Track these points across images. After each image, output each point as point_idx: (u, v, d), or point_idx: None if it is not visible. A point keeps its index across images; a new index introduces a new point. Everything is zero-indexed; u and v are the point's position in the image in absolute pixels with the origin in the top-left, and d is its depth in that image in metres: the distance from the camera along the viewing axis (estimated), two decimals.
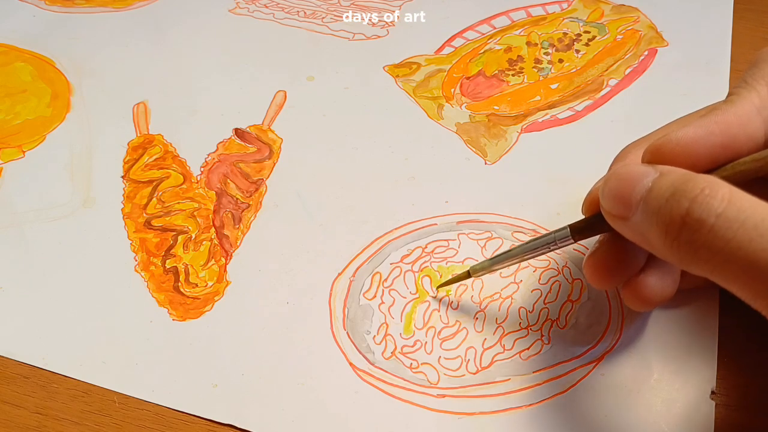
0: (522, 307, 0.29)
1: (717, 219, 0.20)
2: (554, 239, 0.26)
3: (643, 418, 0.26)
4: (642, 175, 0.22)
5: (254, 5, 0.45)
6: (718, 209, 0.20)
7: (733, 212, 0.20)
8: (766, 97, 0.24)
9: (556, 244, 0.26)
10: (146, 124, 0.38)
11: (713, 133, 0.23)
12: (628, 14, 0.41)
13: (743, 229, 0.19)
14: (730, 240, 0.19)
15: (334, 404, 0.27)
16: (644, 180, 0.22)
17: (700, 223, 0.20)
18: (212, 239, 0.33)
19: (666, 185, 0.21)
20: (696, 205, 0.20)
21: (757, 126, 0.23)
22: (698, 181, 0.21)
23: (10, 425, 0.28)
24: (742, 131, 0.23)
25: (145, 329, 0.30)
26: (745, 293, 0.20)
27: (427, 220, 0.33)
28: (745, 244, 0.19)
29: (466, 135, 0.36)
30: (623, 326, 0.28)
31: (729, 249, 0.20)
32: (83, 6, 0.46)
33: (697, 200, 0.20)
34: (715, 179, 0.21)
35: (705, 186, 0.20)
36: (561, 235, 0.26)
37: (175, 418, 0.27)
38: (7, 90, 0.41)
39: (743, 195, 0.20)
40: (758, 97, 0.23)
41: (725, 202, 0.20)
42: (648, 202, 0.22)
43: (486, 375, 0.28)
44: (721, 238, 0.20)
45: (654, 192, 0.22)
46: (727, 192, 0.20)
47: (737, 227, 0.19)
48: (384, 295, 0.30)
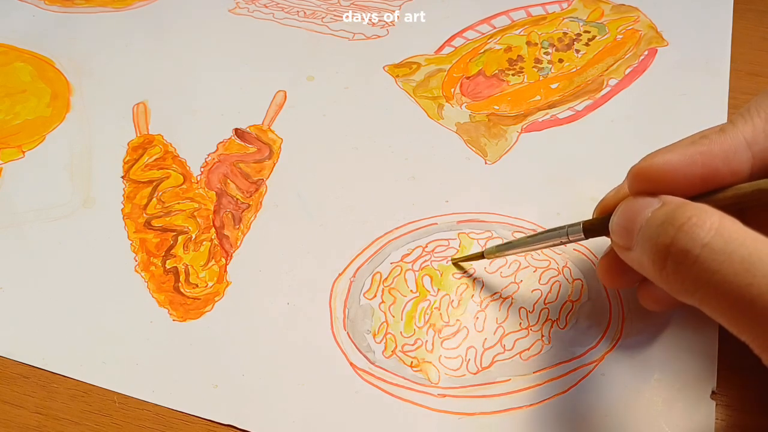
0: (522, 307, 0.29)
1: (702, 249, 0.19)
2: (567, 233, 0.26)
3: (644, 418, 0.26)
4: (644, 207, 0.22)
5: (254, 5, 0.45)
6: (704, 239, 0.19)
7: (720, 243, 0.19)
8: (761, 130, 0.23)
9: (567, 238, 0.26)
10: (146, 124, 0.38)
11: (695, 164, 0.23)
12: (628, 14, 0.41)
13: (729, 261, 0.19)
14: (716, 272, 0.19)
15: (335, 404, 0.27)
16: (645, 211, 0.22)
17: (685, 253, 0.20)
18: (212, 239, 0.33)
19: (660, 214, 0.21)
20: (682, 234, 0.20)
21: (742, 160, 0.23)
22: (687, 209, 0.20)
23: (10, 425, 0.28)
24: (725, 165, 0.23)
25: (145, 330, 0.30)
26: (731, 327, 0.20)
27: (427, 219, 0.33)
28: (731, 277, 0.19)
29: (466, 135, 0.36)
30: (623, 326, 0.28)
31: (714, 282, 0.19)
32: (83, 6, 0.46)
33: (683, 229, 0.20)
34: (706, 207, 0.20)
35: (692, 214, 0.20)
36: (573, 230, 0.26)
37: (175, 418, 0.27)
38: (7, 90, 0.41)
39: (733, 225, 0.19)
40: (752, 129, 0.23)
41: (712, 232, 0.19)
42: (643, 231, 0.21)
43: (486, 375, 0.28)
44: (706, 270, 0.19)
45: (649, 221, 0.21)
46: (716, 221, 0.19)
47: (723, 259, 0.19)
48: (384, 294, 0.30)
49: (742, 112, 0.24)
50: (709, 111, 0.36)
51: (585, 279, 0.30)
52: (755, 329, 0.19)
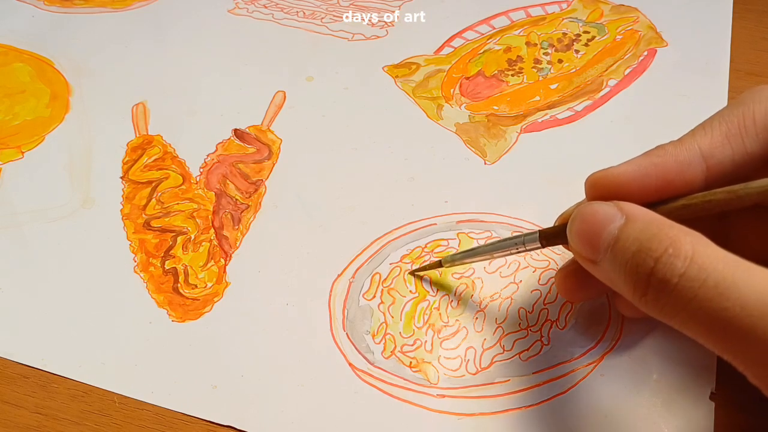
0: (522, 307, 0.29)
1: (680, 279, 0.20)
2: (523, 241, 0.27)
3: (643, 419, 0.26)
4: (608, 220, 0.22)
5: (253, 5, 0.45)
6: (680, 269, 0.20)
7: (695, 271, 0.20)
8: (718, 143, 0.24)
9: (524, 246, 0.27)
10: (145, 125, 0.38)
11: (648, 175, 0.23)
12: (628, 14, 0.41)
13: (704, 288, 0.20)
14: (692, 299, 0.20)
15: (334, 405, 0.27)
16: (610, 226, 0.22)
17: (665, 283, 0.20)
18: (211, 240, 0.33)
19: (632, 238, 0.22)
20: (660, 265, 0.21)
21: (696, 173, 0.23)
22: (663, 239, 0.21)
23: (10, 425, 0.28)
24: (679, 176, 0.23)
25: (144, 330, 0.30)
26: (713, 348, 0.20)
27: (427, 220, 0.33)
28: (706, 303, 0.20)
29: (466, 135, 0.36)
30: (623, 327, 0.28)
31: (691, 307, 0.20)
32: (82, 6, 0.46)
33: (661, 260, 0.21)
34: (680, 233, 0.21)
35: (669, 245, 0.21)
36: (530, 239, 0.26)
37: (175, 419, 0.27)
38: (6, 90, 0.41)
39: (706, 249, 0.20)
40: (709, 142, 0.24)
41: (688, 261, 0.20)
42: (615, 253, 0.22)
43: (486, 376, 0.28)
44: (683, 297, 0.20)
45: (620, 243, 0.22)
46: (690, 250, 0.20)
47: (698, 286, 0.20)
48: (383, 295, 0.30)
49: (705, 122, 0.24)
50: (709, 111, 0.35)
51: None
52: (734, 349, 0.20)
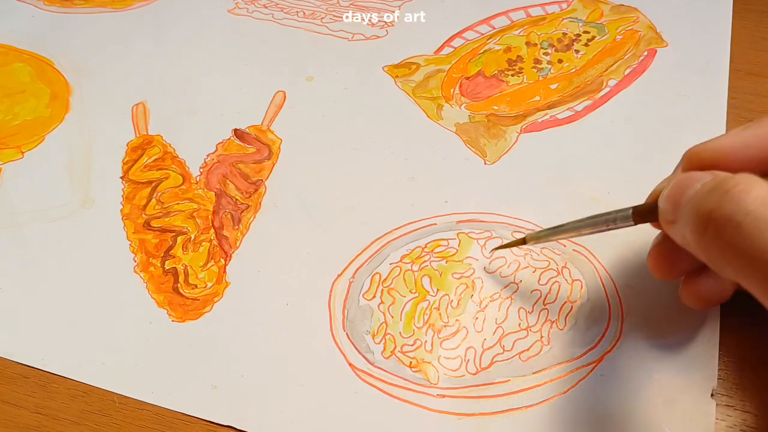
0: (522, 307, 0.29)
1: (746, 217, 0.18)
2: (614, 218, 0.26)
3: (644, 419, 0.26)
4: (695, 180, 0.21)
5: (253, 5, 0.45)
6: (749, 206, 0.19)
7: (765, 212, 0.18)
8: None
9: (615, 224, 0.26)
10: (145, 125, 0.38)
11: (750, 146, 0.22)
12: (628, 14, 0.41)
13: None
14: (757, 241, 0.18)
15: (334, 405, 0.27)
16: (696, 184, 0.21)
17: (728, 219, 0.19)
18: (211, 240, 0.33)
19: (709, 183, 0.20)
20: (727, 199, 0.19)
21: None
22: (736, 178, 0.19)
23: (10, 425, 0.28)
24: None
25: (144, 330, 0.30)
26: None
27: (427, 220, 0.33)
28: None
29: (466, 135, 0.36)
30: (623, 327, 0.28)
31: (755, 251, 0.18)
32: (82, 6, 0.46)
33: (728, 194, 0.19)
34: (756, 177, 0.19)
35: (741, 181, 0.19)
36: (622, 216, 0.25)
37: (175, 419, 0.27)
38: (6, 90, 0.41)
39: None
40: None
41: (758, 201, 0.19)
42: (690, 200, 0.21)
43: (486, 376, 0.28)
44: (747, 237, 0.18)
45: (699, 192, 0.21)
46: (763, 191, 0.19)
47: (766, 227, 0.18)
48: (383, 295, 0.30)
49: None
50: (709, 111, 0.36)
51: (584, 279, 0.30)
52: None
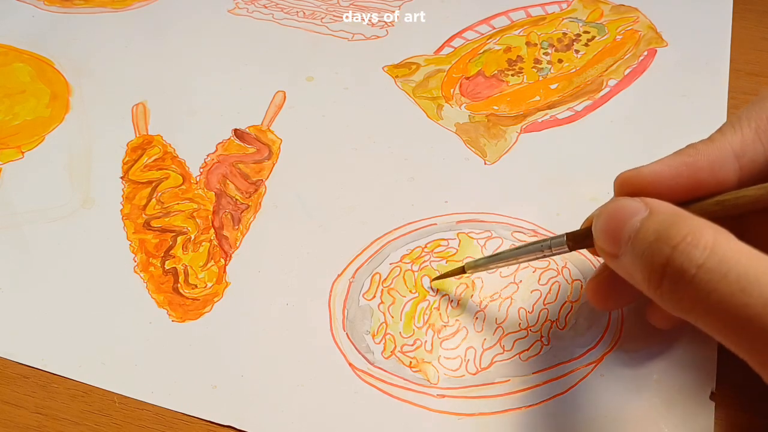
0: (522, 307, 0.29)
1: (698, 270, 0.19)
2: (549, 245, 0.26)
3: (643, 419, 0.26)
4: (632, 213, 0.22)
5: (253, 5, 0.45)
6: (699, 259, 0.19)
7: (715, 263, 0.19)
8: (749, 141, 0.23)
9: (551, 250, 0.26)
10: (145, 125, 0.38)
11: (680, 175, 0.23)
12: (628, 14, 0.41)
13: (725, 281, 0.19)
14: (711, 292, 0.19)
15: (334, 405, 0.27)
16: (634, 219, 0.21)
17: (681, 273, 0.19)
18: (211, 240, 0.33)
19: (652, 228, 0.21)
20: (677, 253, 0.19)
21: (729, 171, 0.23)
22: (681, 227, 0.20)
23: (10, 425, 0.28)
24: (711, 176, 0.23)
25: (144, 330, 0.30)
26: (729, 345, 0.20)
27: (427, 220, 0.33)
28: (727, 297, 0.19)
29: (466, 135, 0.36)
30: (623, 327, 0.28)
31: (711, 302, 0.19)
32: (82, 6, 0.46)
33: (678, 248, 0.19)
34: (701, 224, 0.20)
35: (688, 233, 0.20)
36: (557, 242, 0.26)
37: (175, 419, 0.27)
38: (6, 91, 0.41)
39: (729, 242, 0.19)
40: (740, 140, 0.23)
41: (707, 251, 0.19)
42: (634, 244, 0.21)
43: (486, 376, 0.28)
44: (702, 290, 0.19)
45: (640, 234, 0.21)
46: (711, 239, 0.19)
47: (718, 279, 0.19)
48: (383, 295, 0.30)
49: (733, 121, 0.23)
50: (709, 111, 0.36)
51: (584, 280, 0.30)
52: (753, 348, 0.19)
